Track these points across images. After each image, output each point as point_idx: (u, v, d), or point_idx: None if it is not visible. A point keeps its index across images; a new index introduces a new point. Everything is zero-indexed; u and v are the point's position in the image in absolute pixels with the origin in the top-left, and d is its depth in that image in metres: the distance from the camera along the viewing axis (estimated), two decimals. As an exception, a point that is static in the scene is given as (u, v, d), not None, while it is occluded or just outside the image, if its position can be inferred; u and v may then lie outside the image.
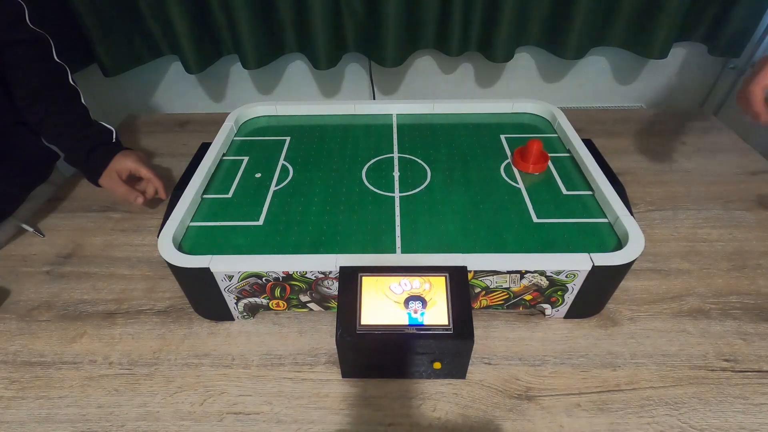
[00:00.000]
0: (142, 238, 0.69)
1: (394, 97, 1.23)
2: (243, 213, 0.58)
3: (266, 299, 0.53)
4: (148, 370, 0.51)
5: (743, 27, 0.98)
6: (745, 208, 0.71)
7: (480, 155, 0.67)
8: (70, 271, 0.64)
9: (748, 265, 0.61)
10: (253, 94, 1.23)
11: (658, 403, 0.47)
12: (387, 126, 0.75)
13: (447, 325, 0.44)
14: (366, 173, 0.64)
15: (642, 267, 0.61)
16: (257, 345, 0.54)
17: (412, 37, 1.03)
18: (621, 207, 0.53)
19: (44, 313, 0.58)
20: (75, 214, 0.74)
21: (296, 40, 1.06)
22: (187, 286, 0.54)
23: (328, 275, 0.49)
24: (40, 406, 0.48)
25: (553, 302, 0.53)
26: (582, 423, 0.45)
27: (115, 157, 0.71)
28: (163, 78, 1.18)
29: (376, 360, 0.48)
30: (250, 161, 0.67)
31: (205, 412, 0.47)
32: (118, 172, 0.70)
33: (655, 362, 0.50)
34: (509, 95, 0.78)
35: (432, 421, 0.46)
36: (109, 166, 0.70)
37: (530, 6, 0.98)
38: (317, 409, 0.47)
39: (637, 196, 0.73)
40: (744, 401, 0.47)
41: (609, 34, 1.03)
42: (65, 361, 0.52)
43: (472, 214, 0.57)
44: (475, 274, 0.48)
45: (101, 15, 0.95)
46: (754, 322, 0.54)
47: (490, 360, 0.51)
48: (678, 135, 0.89)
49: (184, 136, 0.94)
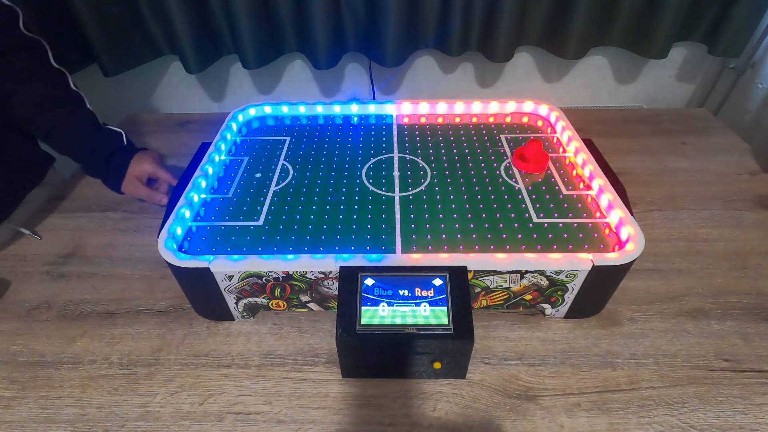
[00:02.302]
0: (142, 238, 0.69)
1: (394, 97, 1.23)
2: (243, 213, 0.58)
3: (266, 299, 0.53)
4: (148, 370, 0.51)
5: (743, 27, 0.97)
6: (745, 208, 0.71)
7: (480, 155, 0.67)
8: (70, 271, 0.64)
9: (748, 265, 0.61)
10: (253, 94, 1.23)
11: (658, 403, 0.47)
12: (387, 126, 0.75)
13: (447, 325, 0.44)
14: (366, 173, 0.64)
15: (642, 267, 0.61)
16: (257, 345, 0.54)
17: (412, 37, 1.03)
18: (621, 207, 0.53)
19: (44, 313, 0.58)
20: (75, 214, 0.74)
21: (296, 40, 1.06)
22: (187, 286, 0.54)
23: (328, 275, 0.49)
24: (40, 406, 0.48)
25: (553, 302, 0.53)
26: (582, 423, 0.45)
27: (132, 161, 0.71)
28: (163, 78, 1.18)
29: (376, 360, 0.48)
30: (250, 161, 0.67)
31: (205, 412, 0.47)
32: (138, 177, 0.70)
33: (655, 362, 0.50)
34: (509, 95, 0.78)
35: (432, 421, 0.46)
36: (128, 172, 0.70)
37: (530, 6, 0.98)
38: (317, 409, 0.47)
39: (637, 196, 0.73)
40: (744, 401, 0.47)
41: (609, 34, 1.03)
42: (65, 361, 0.52)
43: (472, 214, 0.57)
44: (475, 274, 0.48)
45: (101, 15, 0.95)
46: (754, 322, 0.54)
47: (490, 360, 0.51)
48: (678, 135, 0.89)
49: (184, 136, 0.94)
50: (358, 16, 1.01)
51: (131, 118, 1.02)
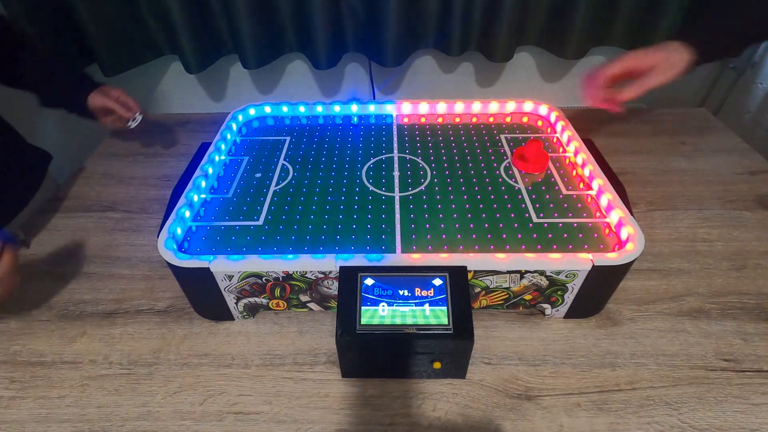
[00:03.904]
0: (142, 238, 0.69)
1: (394, 97, 1.23)
2: (243, 213, 0.58)
3: (266, 299, 0.53)
4: (148, 370, 0.51)
5: (743, 27, 0.97)
6: (745, 208, 0.71)
7: (480, 155, 0.67)
8: (70, 271, 0.64)
9: (748, 265, 0.61)
10: (253, 94, 1.23)
11: (658, 403, 0.47)
12: (387, 126, 0.75)
13: (447, 325, 0.44)
14: (366, 173, 0.64)
15: (642, 267, 0.61)
16: (257, 345, 0.54)
17: (412, 37, 1.03)
18: (621, 207, 0.53)
19: (44, 313, 0.58)
20: (75, 214, 0.74)
21: (296, 40, 1.06)
22: (187, 286, 0.54)
23: (328, 275, 0.49)
24: (40, 406, 0.48)
25: (553, 302, 0.53)
26: (582, 423, 0.45)
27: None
28: (163, 78, 1.18)
29: (376, 360, 0.48)
30: (250, 161, 0.67)
31: (205, 412, 0.47)
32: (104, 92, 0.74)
33: (655, 362, 0.50)
34: (509, 95, 0.78)
35: (432, 421, 0.46)
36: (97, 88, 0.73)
37: (530, 6, 0.98)
38: (317, 409, 0.47)
39: (637, 196, 0.73)
40: (744, 401, 0.47)
41: (609, 34, 1.03)
42: (65, 361, 0.52)
43: (472, 214, 0.57)
44: (475, 274, 0.48)
45: (101, 15, 0.95)
46: (754, 322, 0.54)
47: (490, 360, 0.51)
48: (678, 135, 0.89)
49: (184, 136, 0.94)
50: (358, 16, 1.01)
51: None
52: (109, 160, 0.87)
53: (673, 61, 0.59)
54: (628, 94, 0.60)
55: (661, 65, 0.59)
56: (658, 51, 0.60)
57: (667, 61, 0.59)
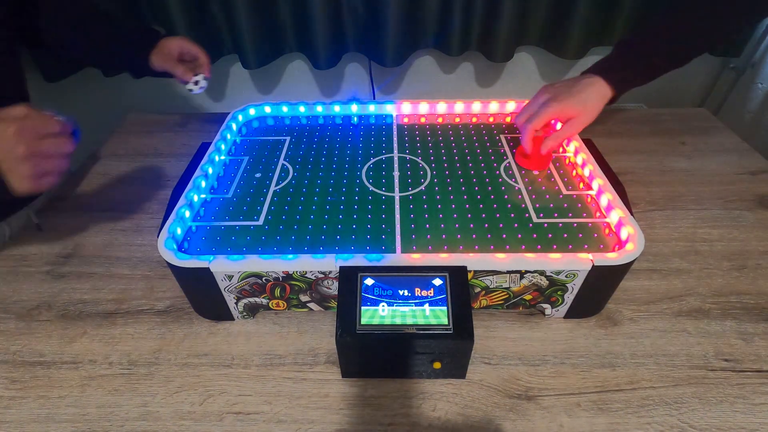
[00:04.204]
0: (142, 238, 0.69)
1: (394, 97, 1.23)
2: (243, 213, 0.58)
3: (266, 299, 0.53)
4: (147, 370, 0.51)
5: (743, 27, 0.97)
6: (745, 208, 0.71)
7: (480, 155, 0.67)
8: (70, 271, 0.64)
9: (748, 265, 0.61)
10: (253, 94, 1.23)
11: (658, 403, 0.47)
12: (387, 126, 0.75)
13: (447, 325, 0.44)
14: (366, 173, 0.64)
15: (642, 267, 0.61)
16: (257, 345, 0.54)
17: (412, 37, 1.04)
18: (621, 207, 0.53)
19: (44, 313, 0.58)
20: (75, 214, 0.74)
21: (296, 40, 1.06)
22: (187, 286, 0.54)
23: (328, 275, 0.49)
24: (40, 406, 0.48)
25: (553, 302, 0.53)
26: (582, 423, 0.45)
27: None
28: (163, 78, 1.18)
29: (376, 360, 0.48)
30: (250, 161, 0.67)
31: (205, 412, 0.47)
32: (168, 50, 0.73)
33: (655, 362, 0.50)
34: (509, 95, 0.78)
35: (432, 421, 0.46)
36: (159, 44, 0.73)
37: (530, 6, 0.99)
38: (317, 409, 0.47)
39: (637, 196, 0.73)
40: (744, 401, 0.47)
41: (609, 34, 1.03)
42: (65, 361, 0.52)
43: (472, 214, 0.57)
44: (475, 274, 0.48)
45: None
46: (754, 322, 0.54)
47: (490, 360, 0.51)
48: (678, 135, 0.89)
49: (184, 136, 0.94)
50: (358, 16, 1.01)
51: (131, 118, 1.02)
52: (109, 160, 0.87)
53: (591, 108, 0.62)
54: (545, 147, 0.62)
55: (579, 117, 0.62)
56: (577, 103, 0.62)
57: (584, 113, 0.62)
